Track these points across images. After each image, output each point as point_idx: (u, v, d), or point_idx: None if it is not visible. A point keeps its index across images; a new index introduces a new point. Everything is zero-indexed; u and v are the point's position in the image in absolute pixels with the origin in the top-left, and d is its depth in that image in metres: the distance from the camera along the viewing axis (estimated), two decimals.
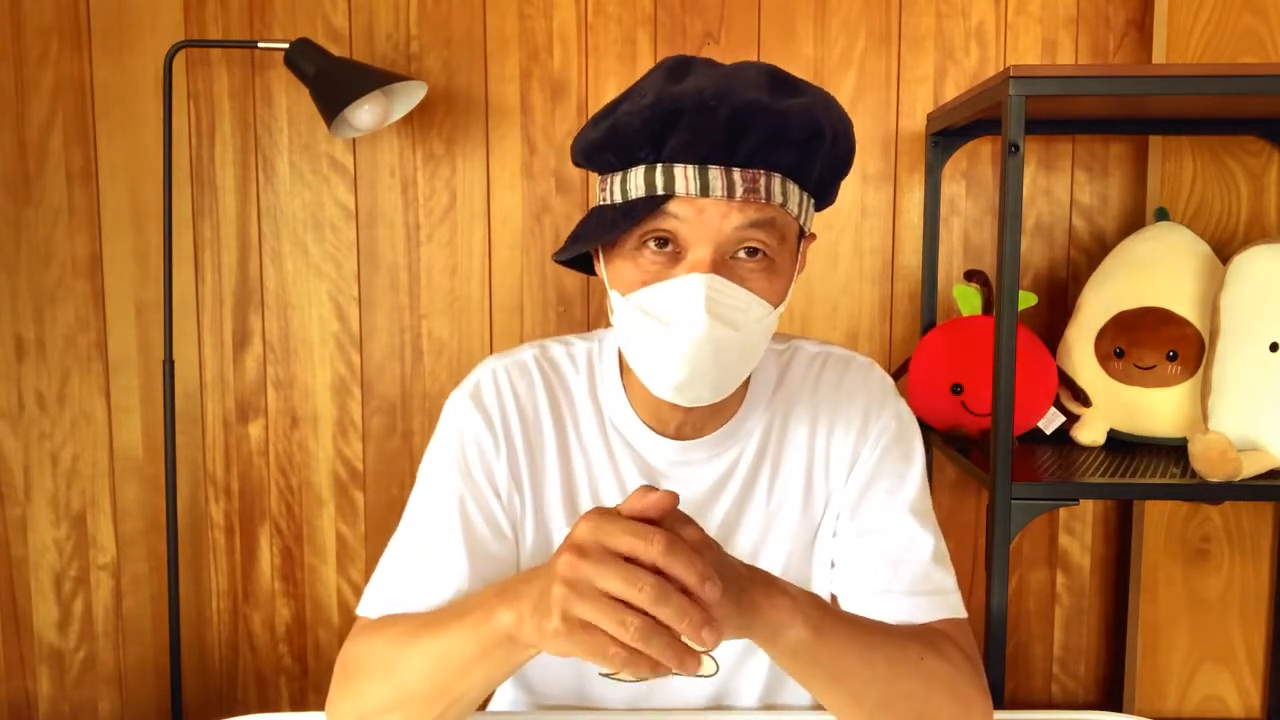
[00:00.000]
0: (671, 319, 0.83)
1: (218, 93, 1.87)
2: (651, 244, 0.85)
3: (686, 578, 0.66)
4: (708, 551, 0.71)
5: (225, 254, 1.90)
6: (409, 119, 1.84)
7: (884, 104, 1.85)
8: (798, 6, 1.83)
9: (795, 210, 0.86)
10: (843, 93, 1.84)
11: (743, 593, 0.73)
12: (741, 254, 0.84)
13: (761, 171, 0.83)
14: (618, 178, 0.86)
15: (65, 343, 1.91)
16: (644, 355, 0.86)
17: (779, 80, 0.87)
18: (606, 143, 0.86)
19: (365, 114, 1.68)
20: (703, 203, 0.82)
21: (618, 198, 0.86)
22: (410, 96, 1.75)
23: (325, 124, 1.70)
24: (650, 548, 0.66)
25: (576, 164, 0.93)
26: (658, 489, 0.71)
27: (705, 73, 0.86)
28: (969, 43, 1.84)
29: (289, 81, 1.85)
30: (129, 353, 1.92)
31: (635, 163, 0.85)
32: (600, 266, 0.92)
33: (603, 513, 0.70)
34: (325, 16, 1.84)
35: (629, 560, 0.67)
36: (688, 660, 0.66)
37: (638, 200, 0.84)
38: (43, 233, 1.89)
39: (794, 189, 0.86)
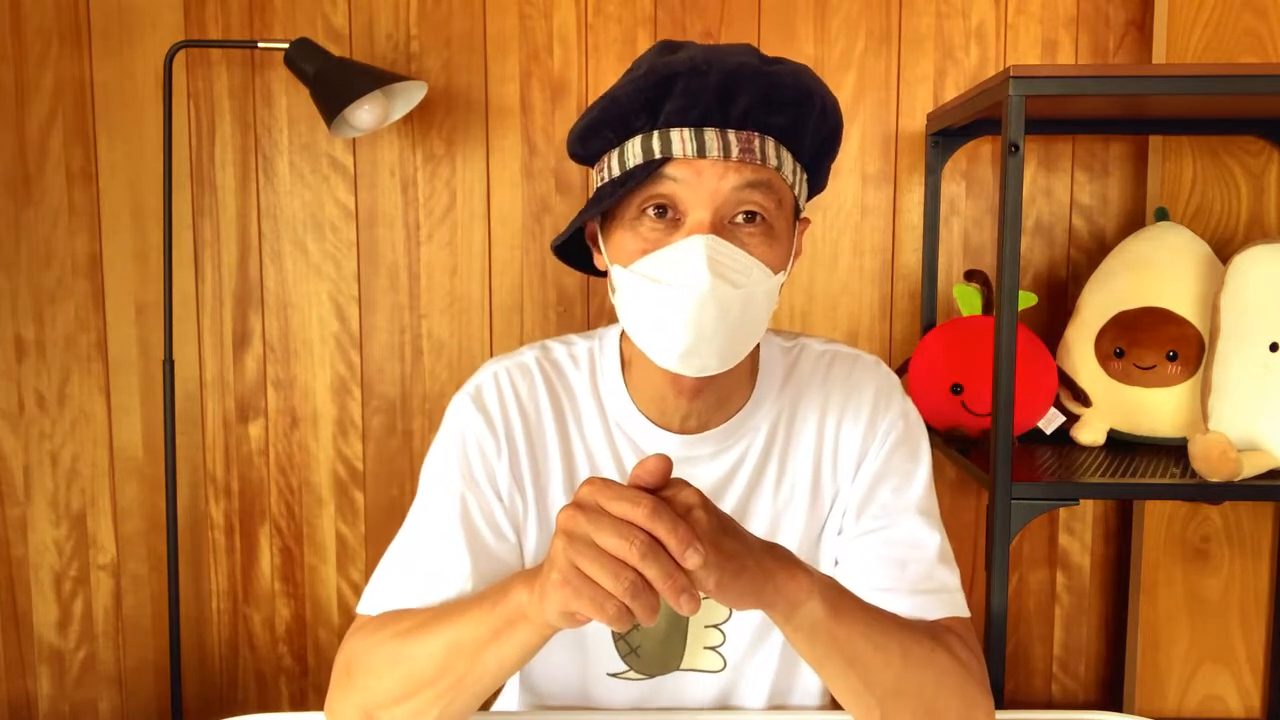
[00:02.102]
0: (674, 280, 0.83)
1: (218, 93, 1.87)
2: (651, 212, 0.86)
3: (669, 541, 0.68)
4: (703, 515, 0.71)
5: (225, 254, 1.90)
6: (409, 119, 1.84)
7: (884, 104, 1.85)
8: (798, 6, 1.83)
9: (790, 178, 0.88)
10: (843, 93, 1.84)
11: (755, 562, 0.74)
12: (740, 219, 0.86)
13: (756, 134, 0.85)
14: (615, 152, 0.88)
15: (65, 343, 1.91)
16: (648, 323, 0.87)
17: (762, 54, 0.90)
18: (604, 119, 0.88)
19: (365, 114, 1.68)
20: (700, 164, 0.84)
21: (616, 170, 0.88)
22: (410, 96, 1.75)
23: (325, 124, 1.70)
24: (637, 510, 0.68)
25: (574, 155, 0.94)
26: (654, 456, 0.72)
27: (696, 47, 0.89)
28: (969, 43, 1.84)
29: (289, 81, 1.85)
30: (129, 353, 1.92)
31: (632, 133, 0.87)
32: (601, 251, 0.92)
33: (602, 479, 0.72)
34: (325, 16, 1.84)
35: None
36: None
37: (636, 167, 0.86)
38: (43, 233, 1.89)
39: (787, 155, 0.88)
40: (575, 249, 0.97)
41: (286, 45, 1.70)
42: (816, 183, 0.95)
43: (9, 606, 1.97)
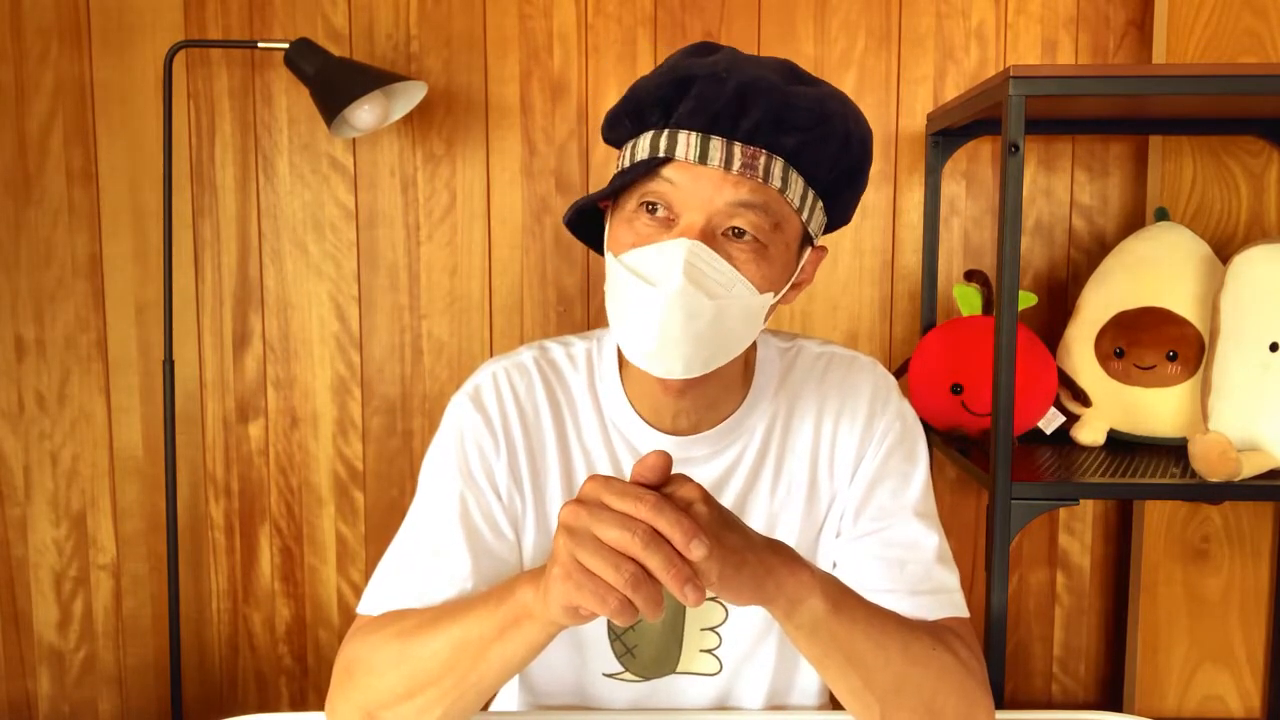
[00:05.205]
0: (651, 277, 0.84)
1: (218, 93, 1.87)
2: (646, 208, 0.86)
3: (673, 534, 0.68)
4: (704, 509, 0.72)
5: (225, 254, 1.90)
6: (409, 119, 1.84)
7: (884, 104, 1.85)
8: (798, 6, 1.83)
9: (796, 202, 0.87)
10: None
11: (756, 557, 0.74)
12: (731, 233, 0.85)
13: (763, 151, 0.84)
14: (630, 144, 0.89)
15: (65, 343, 1.91)
16: (623, 316, 0.87)
17: (796, 72, 0.89)
18: (625, 109, 0.89)
19: (365, 114, 1.68)
20: (700, 170, 0.84)
21: (627, 161, 0.89)
22: (410, 96, 1.75)
23: (325, 124, 1.70)
24: (640, 506, 0.68)
25: (607, 141, 0.95)
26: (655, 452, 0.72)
27: (727, 53, 0.89)
28: (969, 43, 1.84)
29: (289, 81, 1.85)
30: (129, 353, 1.92)
31: (646, 127, 0.87)
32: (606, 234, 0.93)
33: (604, 476, 0.72)
34: (325, 16, 1.84)
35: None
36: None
37: (640, 162, 0.86)
38: (43, 233, 1.89)
39: (797, 179, 0.86)
40: (593, 227, 0.96)
41: (286, 45, 1.70)
42: (837, 214, 0.93)
43: (9, 606, 1.97)
